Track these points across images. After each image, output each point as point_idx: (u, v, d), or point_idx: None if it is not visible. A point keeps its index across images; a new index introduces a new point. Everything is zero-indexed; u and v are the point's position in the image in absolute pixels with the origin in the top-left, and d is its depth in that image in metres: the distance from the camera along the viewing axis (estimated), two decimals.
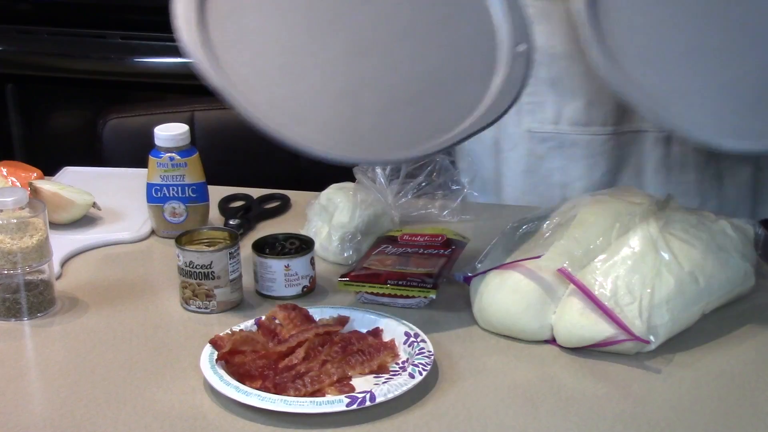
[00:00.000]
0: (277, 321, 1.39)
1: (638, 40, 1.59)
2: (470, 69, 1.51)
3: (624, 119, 1.83)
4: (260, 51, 1.44)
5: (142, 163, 1.69)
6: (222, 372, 1.29)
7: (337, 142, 1.35)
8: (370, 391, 1.24)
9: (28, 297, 1.46)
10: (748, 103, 1.54)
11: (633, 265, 1.37)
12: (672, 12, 1.63)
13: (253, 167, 1.92)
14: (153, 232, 1.71)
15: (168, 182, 1.67)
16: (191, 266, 1.47)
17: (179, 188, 1.67)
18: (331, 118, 1.40)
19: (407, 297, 1.46)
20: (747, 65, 1.59)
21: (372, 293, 1.47)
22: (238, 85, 1.34)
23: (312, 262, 1.53)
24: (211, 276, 1.47)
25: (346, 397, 1.24)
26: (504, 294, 1.40)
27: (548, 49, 1.73)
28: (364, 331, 1.39)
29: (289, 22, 1.48)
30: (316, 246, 1.57)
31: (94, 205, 1.74)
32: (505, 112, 1.44)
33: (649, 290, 1.34)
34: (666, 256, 1.38)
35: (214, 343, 1.33)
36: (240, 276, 1.51)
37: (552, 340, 1.38)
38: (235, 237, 1.51)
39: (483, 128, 1.44)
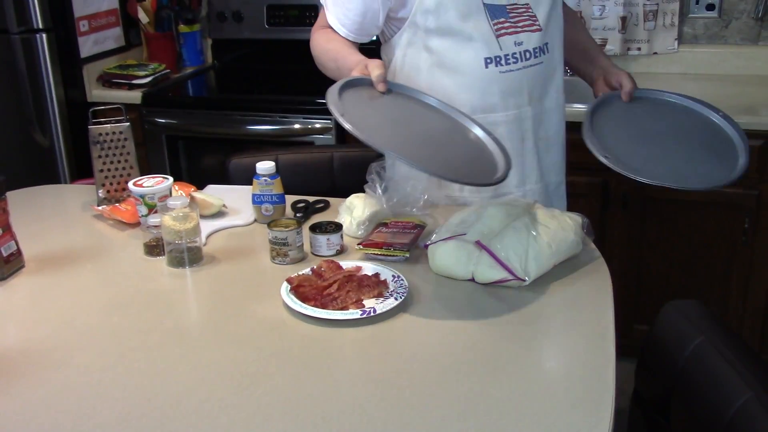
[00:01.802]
0: (322, 269, 1.40)
1: (619, 141, 1.58)
2: (479, 158, 1.42)
3: (524, 181, 1.71)
4: (370, 117, 1.37)
5: (250, 183, 1.68)
6: (292, 296, 1.31)
7: (413, 158, 1.26)
8: (373, 307, 1.28)
9: (188, 255, 1.49)
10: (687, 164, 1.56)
11: (517, 238, 1.38)
12: (634, 129, 1.64)
13: (310, 185, 1.92)
14: (255, 221, 1.70)
15: (263, 193, 1.66)
16: (276, 239, 1.48)
17: (269, 196, 1.66)
18: (409, 149, 1.31)
19: (393, 255, 1.46)
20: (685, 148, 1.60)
21: (374, 254, 1.47)
22: (362, 131, 1.26)
23: (341, 237, 1.53)
24: (286, 244, 1.47)
25: (360, 310, 1.27)
26: (445, 254, 1.40)
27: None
28: (370, 274, 1.39)
29: (380, 111, 1.42)
30: (344, 228, 1.57)
31: (224, 206, 1.75)
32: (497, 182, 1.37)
33: (525, 252, 1.36)
34: (534, 233, 1.39)
35: (288, 280, 1.36)
36: (302, 244, 1.51)
37: (472, 279, 1.38)
38: (299, 223, 1.51)
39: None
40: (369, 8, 1.59)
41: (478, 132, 1.48)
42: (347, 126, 1.27)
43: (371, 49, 1.69)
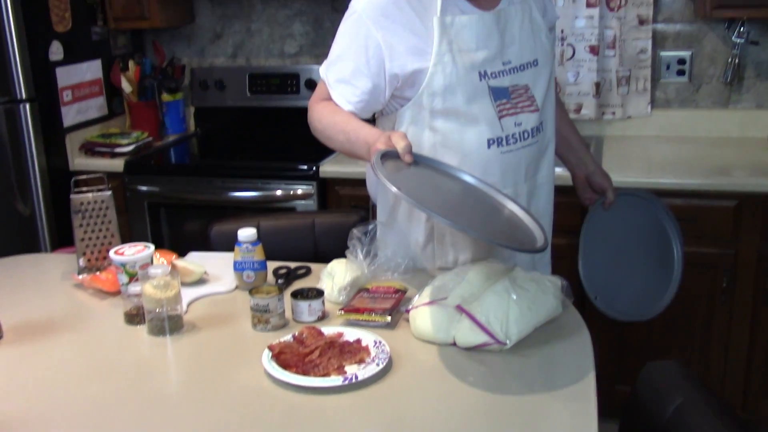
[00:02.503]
0: (304, 335, 1.39)
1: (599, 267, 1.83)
2: (517, 228, 1.43)
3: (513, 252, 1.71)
4: (407, 181, 1.35)
5: (232, 249, 1.68)
6: (274, 363, 1.31)
7: (449, 217, 1.28)
8: (355, 374, 1.27)
9: (169, 323, 1.48)
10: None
11: (497, 302, 1.37)
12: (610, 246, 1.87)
13: (292, 251, 1.93)
14: (237, 287, 1.70)
15: (245, 260, 1.66)
16: (257, 306, 1.48)
17: (251, 263, 1.66)
18: (444, 210, 1.31)
19: (375, 321, 1.46)
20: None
21: (356, 319, 1.47)
22: (407, 191, 1.28)
23: (323, 303, 1.52)
24: (267, 311, 1.47)
25: (342, 377, 1.26)
26: (426, 319, 1.40)
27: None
28: (352, 340, 1.38)
29: (411, 182, 1.38)
30: (326, 293, 1.56)
31: (205, 273, 1.74)
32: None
33: (505, 315, 1.36)
34: (514, 296, 1.38)
35: (270, 347, 1.35)
36: (284, 311, 1.50)
37: (454, 344, 1.38)
38: (281, 290, 1.50)
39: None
40: (376, 86, 1.58)
41: (509, 204, 1.49)
42: (407, 198, 1.27)
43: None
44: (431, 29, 1.55)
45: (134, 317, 1.55)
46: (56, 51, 2.88)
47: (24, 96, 2.76)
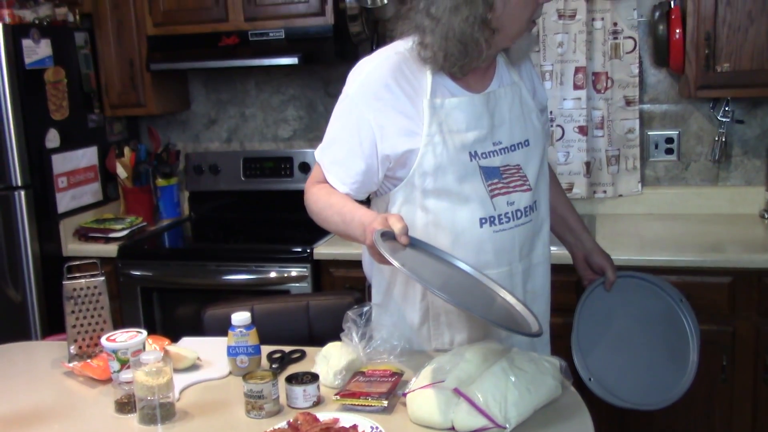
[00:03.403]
0: (299, 422, 1.36)
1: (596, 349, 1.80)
2: (510, 314, 1.47)
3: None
4: (404, 262, 1.35)
5: (225, 333, 1.67)
6: None
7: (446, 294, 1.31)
8: None
9: (161, 411, 1.45)
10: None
11: (495, 384, 1.36)
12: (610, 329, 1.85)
13: (286, 334, 1.92)
14: (230, 373, 1.67)
15: (239, 344, 1.64)
16: (251, 392, 1.45)
17: (245, 348, 1.64)
18: (442, 289, 1.34)
19: (371, 405, 1.43)
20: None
21: (352, 404, 1.44)
22: (408, 269, 1.31)
23: (318, 388, 1.50)
24: (261, 397, 1.45)
25: None
26: (424, 403, 1.38)
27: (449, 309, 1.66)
28: (348, 426, 1.36)
29: (410, 261, 1.40)
30: (321, 378, 1.53)
31: (198, 358, 1.72)
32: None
33: (504, 397, 1.34)
34: (512, 378, 1.37)
35: None
36: (278, 397, 1.47)
37: (452, 428, 1.35)
38: (275, 375, 1.49)
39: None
40: (370, 168, 1.60)
41: (501, 293, 1.51)
42: (410, 273, 1.30)
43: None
44: (422, 111, 1.58)
45: (125, 406, 1.52)
46: (53, 138, 2.91)
47: (19, 183, 2.78)
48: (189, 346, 1.79)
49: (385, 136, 1.58)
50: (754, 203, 2.89)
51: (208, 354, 1.76)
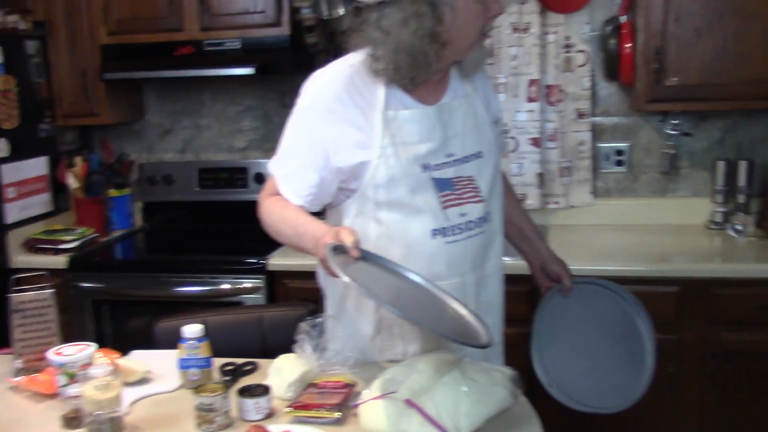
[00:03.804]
0: None
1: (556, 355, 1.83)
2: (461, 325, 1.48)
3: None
4: (355, 275, 1.37)
5: (177, 346, 1.66)
6: None
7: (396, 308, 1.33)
8: None
9: (110, 426, 1.42)
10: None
11: (447, 394, 1.37)
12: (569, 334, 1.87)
13: (239, 347, 1.90)
14: (181, 386, 1.65)
15: (190, 357, 1.63)
16: (202, 405, 1.44)
17: (196, 360, 1.63)
18: (392, 301, 1.37)
19: (323, 417, 1.44)
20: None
21: (304, 416, 1.44)
22: (359, 283, 1.33)
23: (270, 400, 1.49)
24: (213, 410, 1.43)
25: None
26: (376, 414, 1.38)
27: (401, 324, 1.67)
28: None
29: (361, 275, 1.41)
30: (273, 390, 1.52)
31: (149, 371, 1.70)
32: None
33: (456, 408, 1.35)
34: (464, 388, 1.39)
35: None
36: (229, 409, 1.46)
37: None
38: (226, 387, 1.48)
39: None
40: (323, 180, 1.61)
41: (453, 303, 1.53)
42: (359, 287, 1.32)
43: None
44: (375, 124, 1.59)
45: (72, 421, 1.49)
46: (2, 148, 2.85)
47: None
48: (139, 359, 1.76)
49: (338, 149, 1.59)
50: (701, 214, 2.96)
51: (159, 367, 1.73)
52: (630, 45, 2.76)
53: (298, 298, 2.63)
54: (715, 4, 2.59)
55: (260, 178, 3.16)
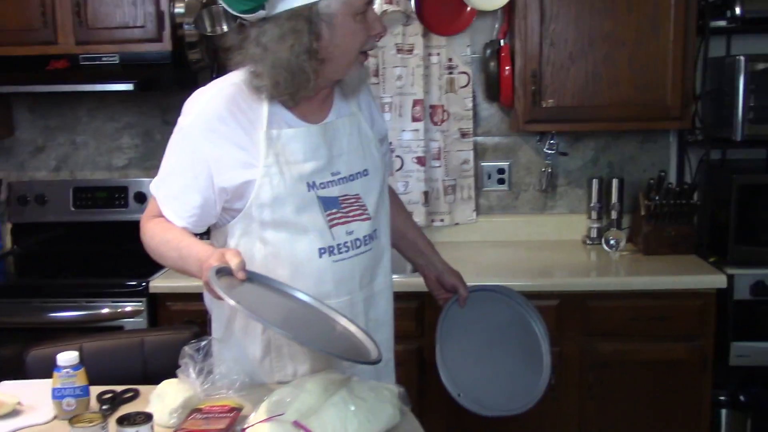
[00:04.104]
0: None
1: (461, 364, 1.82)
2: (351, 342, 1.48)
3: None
4: (242, 298, 1.34)
5: (50, 376, 1.59)
6: None
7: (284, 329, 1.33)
8: None
9: None
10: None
11: (335, 414, 1.37)
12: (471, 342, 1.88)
13: (118, 374, 1.83)
14: (55, 417, 1.58)
15: (65, 386, 1.56)
16: None
17: (71, 389, 1.56)
18: (281, 324, 1.37)
19: None
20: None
21: None
22: (245, 305, 1.31)
23: (152, 428, 1.40)
24: None
25: None
26: None
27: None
28: None
29: (248, 297, 1.39)
30: (155, 418, 1.44)
31: (19, 403, 1.62)
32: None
33: (344, 428, 1.35)
34: (352, 407, 1.39)
35: None
36: None
37: None
38: (104, 417, 1.41)
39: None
40: (206, 201, 1.58)
41: (342, 321, 1.53)
42: (245, 310, 1.30)
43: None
44: (258, 142, 1.58)
45: None
46: None
47: None
48: (9, 390, 1.68)
49: (221, 169, 1.57)
50: (578, 230, 3.11)
51: (31, 398, 1.65)
52: (509, 68, 2.87)
53: (182, 320, 2.56)
54: (586, 31, 2.73)
55: (141, 198, 3.07)
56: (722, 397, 2.76)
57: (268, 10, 1.51)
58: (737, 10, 2.72)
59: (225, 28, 2.80)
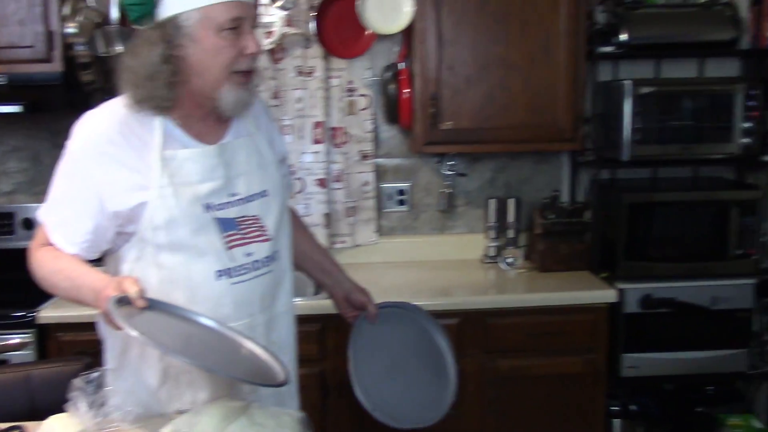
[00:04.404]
0: None
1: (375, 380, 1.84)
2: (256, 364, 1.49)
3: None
4: (142, 327, 1.34)
5: None
6: None
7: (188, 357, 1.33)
8: None
9: None
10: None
11: None
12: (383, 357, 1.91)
13: (2, 410, 1.74)
14: None
15: None
16: None
17: None
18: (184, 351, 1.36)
19: None
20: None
21: None
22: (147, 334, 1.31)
23: None
24: None
25: None
26: None
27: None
28: None
29: (146, 328, 1.36)
30: None
31: None
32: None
33: None
34: None
35: None
36: None
37: None
38: None
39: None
40: (98, 226, 1.55)
41: (246, 343, 1.52)
42: (149, 342, 1.30)
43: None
44: (152, 164, 1.55)
45: None
46: None
47: None
48: None
49: (113, 193, 1.54)
50: (477, 249, 3.17)
51: None
52: (408, 90, 2.92)
53: (73, 352, 2.47)
54: (482, 55, 2.81)
55: (29, 224, 2.95)
56: (615, 408, 2.86)
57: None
58: (624, 37, 2.87)
59: (119, 48, 2.74)
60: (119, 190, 1.54)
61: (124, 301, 1.40)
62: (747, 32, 2.95)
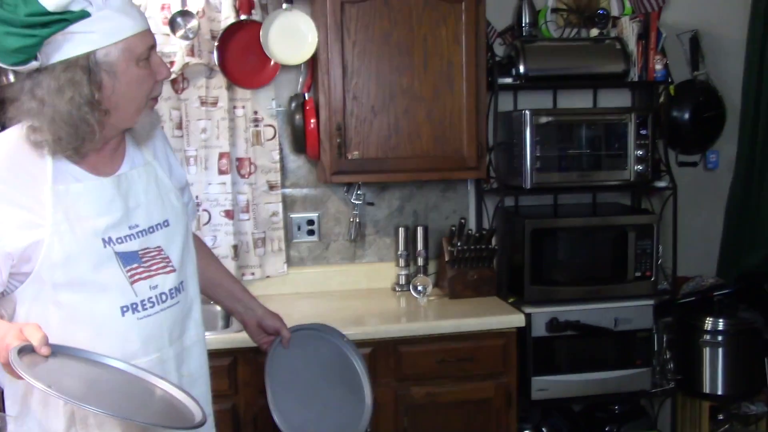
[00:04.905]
0: None
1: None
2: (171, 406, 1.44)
3: None
4: (48, 375, 1.30)
5: None
6: None
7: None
8: None
9: None
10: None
11: None
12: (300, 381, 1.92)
13: None
14: None
15: None
16: None
17: None
18: (93, 397, 1.32)
19: None
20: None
21: None
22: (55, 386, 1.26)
23: None
24: None
25: None
26: None
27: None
28: None
29: (56, 373, 1.34)
30: None
31: None
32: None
33: None
34: None
35: None
36: None
37: None
38: None
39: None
40: None
41: (161, 384, 1.48)
42: (57, 395, 1.26)
43: None
44: (43, 200, 1.49)
45: None
46: None
47: None
48: None
49: (3, 233, 1.46)
50: (387, 278, 3.20)
51: None
52: (314, 121, 2.93)
53: None
54: (387, 86, 2.85)
55: None
56: (527, 431, 2.93)
57: (43, 60, 1.43)
58: (521, 69, 2.99)
59: (12, 79, 2.64)
60: (9, 229, 1.46)
61: (26, 349, 1.33)
62: (635, 65, 3.12)
